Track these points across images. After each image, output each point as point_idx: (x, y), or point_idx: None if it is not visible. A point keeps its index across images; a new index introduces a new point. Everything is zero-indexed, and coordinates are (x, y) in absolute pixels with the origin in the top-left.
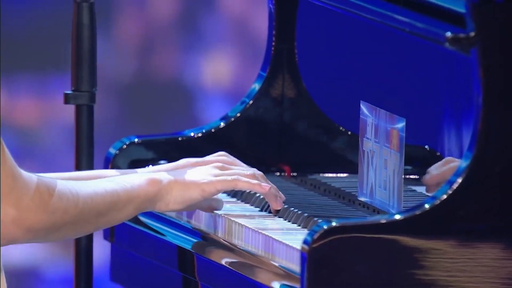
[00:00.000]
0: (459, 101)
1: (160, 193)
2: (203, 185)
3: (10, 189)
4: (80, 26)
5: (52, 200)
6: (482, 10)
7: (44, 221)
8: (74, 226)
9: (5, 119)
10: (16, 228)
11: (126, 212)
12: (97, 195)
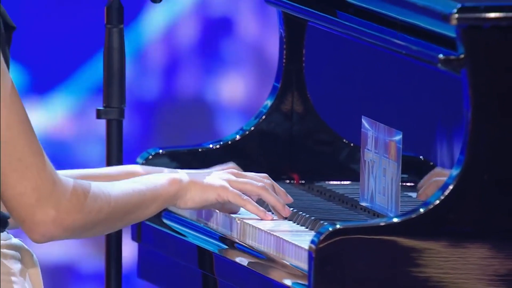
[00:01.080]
0: (450, 116)
1: (180, 192)
2: (219, 189)
3: (50, 193)
4: (111, 50)
5: (87, 201)
6: (471, 35)
7: (80, 220)
8: (107, 223)
9: (45, 133)
10: (55, 227)
11: (151, 209)
12: (126, 195)
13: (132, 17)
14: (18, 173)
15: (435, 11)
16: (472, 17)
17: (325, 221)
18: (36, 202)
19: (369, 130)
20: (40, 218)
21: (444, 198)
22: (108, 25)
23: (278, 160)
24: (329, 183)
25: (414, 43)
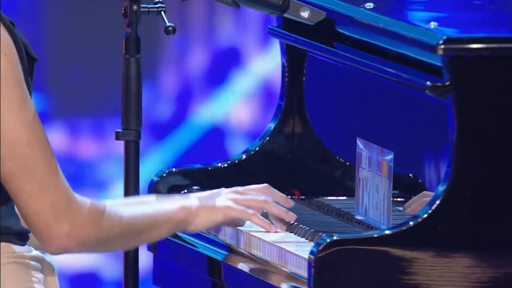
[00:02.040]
0: (437, 138)
1: (190, 217)
2: (226, 209)
3: (66, 209)
4: (129, 77)
5: (100, 219)
6: (455, 64)
7: (93, 236)
8: (118, 241)
9: (69, 153)
10: (69, 241)
11: (161, 232)
12: (137, 217)
13: (148, 48)
14: (37, 191)
15: (423, 42)
16: (456, 47)
17: (323, 233)
18: (53, 217)
19: (363, 150)
20: (56, 232)
21: (431, 212)
22: (126, 55)
23: (280, 177)
24: (327, 199)
25: (404, 71)
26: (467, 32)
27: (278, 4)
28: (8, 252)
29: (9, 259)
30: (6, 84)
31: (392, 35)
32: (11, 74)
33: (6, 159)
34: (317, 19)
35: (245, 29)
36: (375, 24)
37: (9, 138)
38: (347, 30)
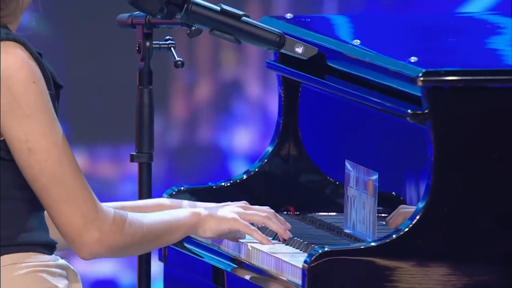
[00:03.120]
0: (417, 160)
1: (200, 223)
2: (231, 221)
3: (94, 218)
4: (142, 106)
5: (125, 226)
6: (433, 94)
7: (119, 241)
8: (140, 245)
9: (88, 174)
10: (99, 247)
11: (176, 236)
12: (155, 223)
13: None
14: (68, 203)
15: (404, 75)
16: (434, 79)
17: (316, 245)
18: (83, 226)
19: (351, 171)
20: (86, 239)
21: (412, 226)
22: (140, 86)
23: (277, 195)
24: (318, 214)
25: (387, 100)
26: (444, 65)
27: (275, 41)
28: (36, 261)
29: (36, 268)
30: (36, 108)
31: (377, 68)
32: (40, 99)
33: (39, 175)
34: (310, 54)
35: (246, 63)
36: (361, 58)
37: (41, 156)
38: (336, 64)
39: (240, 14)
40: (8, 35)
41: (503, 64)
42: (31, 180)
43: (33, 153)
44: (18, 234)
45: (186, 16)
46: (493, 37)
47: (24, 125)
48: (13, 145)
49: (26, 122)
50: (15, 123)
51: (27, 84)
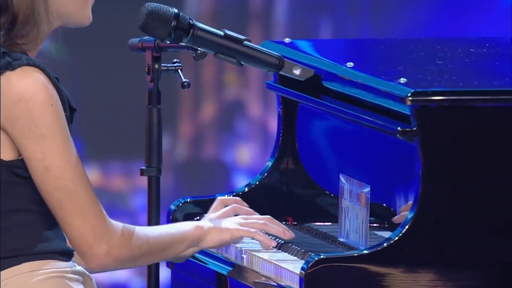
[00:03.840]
0: (406, 174)
1: (203, 235)
2: (233, 231)
3: (104, 232)
4: (151, 124)
5: (132, 240)
6: (421, 113)
7: (126, 254)
8: (146, 257)
9: (101, 187)
10: (108, 259)
11: (180, 248)
12: (161, 236)
13: (168, 99)
14: (80, 217)
15: (394, 95)
16: (422, 99)
17: (312, 252)
18: (94, 239)
19: (345, 184)
20: (96, 252)
21: (401, 235)
22: (149, 105)
23: (276, 206)
24: (315, 224)
25: (378, 118)
26: (431, 86)
27: (274, 64)
28: (53, 268)
29: (54, 274)
30: (52, 129)
31: (369, 89)
32: (57, 121)
33: (54, 191)
34: (306, 75)
35: (247, 84)
36: (354, 80)
37: (56, 173)
38: (331, 85)
39: (242, 39)
40: (29, 60)
41: (485, 85)
42: (46, 195)
43: (48, 171)
44: (36, 244)
45: (192, 40)
46: (477, 60)
47: (41, 144)
48: (30, 163)
49: (43, 142)
50: (33, 142)
51: (45, 106)
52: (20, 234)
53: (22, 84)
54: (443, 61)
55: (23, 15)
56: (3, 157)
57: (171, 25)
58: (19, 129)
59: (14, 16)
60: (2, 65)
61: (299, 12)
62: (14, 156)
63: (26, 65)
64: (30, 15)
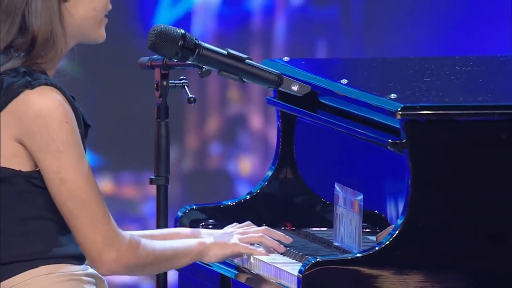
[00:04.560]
0: (397, 183)
1: (205, 250)
2: (233, 246)
3: (113, 240)
4: (160, 136)
5: (139, 249)
6: (410, 126)
7: (133, 262)
8: (151, 267)
9: (114, 195)
10: (116, 265)
11: (183, 261)
12: (166, 249)
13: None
14: (91, 225)
15: (385, 109)
16: (411, 113)
17: (309, 255)
18: (103, 246)
19: (340, 192)
20: (105, 258)
21: (392, 240)
22: (158, 119)
23: (276, 213)
24: (311, 229)
25: (370, 131)
26: (420, 101)
27: (274, 80)
28: (68, 271)
29: (66, 276)
30: (68, 144)
31: (362, 104)
32: (72, 137)
33: (68, 201)
34: (304, 91)
35: (249, 100)
36: (348, 95)
37: (70, 185)
38: (327, 100)
39: (244, 57)
40: (47, 80)
41: (470, 100)
42: (60, 205)
43: (63, 183)
44: (51, 248)
45: (197, 59)
46: (462, 77)
47: (57, 158)
48: (47, 175)
49: (58, 156)
50: (50, 156)
51: (61, 123)
52: (37, 239)
53: (40, 102)
54: (430, 78)
55: (42, 37)
56: (22, 168)
57: (178, 45)
58: (37, 143)
59: (34, 38)
60: (22, 84)
61: (296, 33)
62: (31, 167)
63: (44, 85)
64: (48, 37)
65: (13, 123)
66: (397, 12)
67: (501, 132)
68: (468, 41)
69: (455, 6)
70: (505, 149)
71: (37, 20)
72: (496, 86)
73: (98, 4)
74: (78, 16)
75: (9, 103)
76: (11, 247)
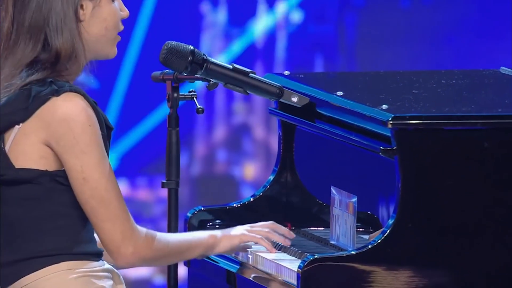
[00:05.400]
0: (388, 186)
1: (215, 243)
2: (241, 236)
3: (131, 235)
4: (171, 143)
5: (154, 243)
6: (400, 134)
7: (149, 255)
8: (166, 258)
9: (130, 197)
10: (133, 258)
11: (195, 253)
12: (178, 241)
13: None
14: (111, 221)
15: (377, 119)
16: (400, 123)
17: (307, 253)
18: (121, 241)
19: (336, 195)
20: (123, 252)
21: (383, 238)
22: (169, 128)
23: (277, 213)
24: (310, 229)
25: (364, 139)
26: (409, 112)
27: (275, 93)
28: (87, 267)
29: (86, 272)
30: (91, 146)
31: (356, 114)
32: (94, 139)
33: (90, 199)
34: (303, 102)
35: (253, 110)
36: (343, 106)
37: (92, 184)
38: (324, 111)
39: (248, 71)
40: (71, 87)
41: (454, 111)
42: (83, 202)
43: (86, 182)
44: (73, 246)
45: (205, 73)
46: (447, 89)
47: (81, 158)
48: (71, 174)
49: (82, 157)
50: (74, 157)
51: (84, 126)
52: (61, 236)
53: (65, 107)
54: (418, 91)
55: (65, 52)
56: (48, 168)
57: (188, 60)
58: (62, 145)
59: (58, 54)
60: (49, 91)
61: (296, 49)
62: (57, 167)
63: (69, 91)
64: (71, 53)
65: (41, 127)
66: (387, 31)
67: (483, 140)
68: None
69: (440, 23)
70: (487, 156)
71: (59, 38)
72: (479, 98)
73: (110, 24)
74: (93, 34)
75: (37, 109)
76: (36, 243)
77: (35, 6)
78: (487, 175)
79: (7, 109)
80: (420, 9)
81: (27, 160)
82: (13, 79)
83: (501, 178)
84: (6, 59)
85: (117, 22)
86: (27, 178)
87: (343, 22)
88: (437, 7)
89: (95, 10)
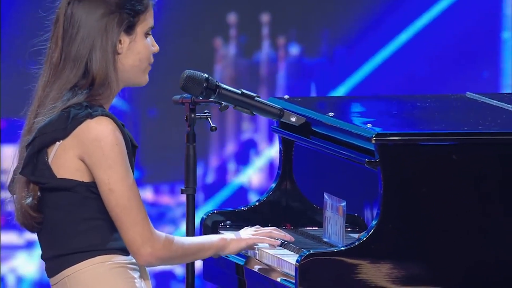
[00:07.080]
0: (371, 193)
1: (225, 245)
2: (247, 239)
3: (149, 238)
4: (189, 157)
5: (171, 245)
6: (382, 149)
7: (166, 255)
8: (181, 259)
9: (154, 202)
10: (151, 258)
11: (207, 254)
12: (193, 244)
13: (201, 139)
14: (132, 227)
15: (363, 135)
16: (382, 139)
17: (304, 249)
18: (141, 243)
19: (328, 199)
20: (143, 252)
21: (368, 236)
22: (187, 143)
23: (278, 215)
24: (306, 228)
25: (352, 153)
26: (390, 129)
27: (277, 113)
28: (118, 260)
29: (117, 264)
30: (117, 162)
31: (345, 131)
32: (120, 156)
33: (115, 207)
34: (300, 122)
35: (258, 129)
36: (334, 125)
37: (117, 194)
38: (318, 129)
39: (254, 95)
40: (103, 112)
41: (428, 129)
42: (109, 209)
43: (112, 192)
44: (106, 242)
45: (218, 97)
46: (423, 111)
47: (108, 172)
48: (100, 185)
49: (109, 171)
50: (102, 171)
51: (112, 145)
52: (94, 235)
53: (97, 129)
54: (397, 112)
55: (99, 79)
56: (84, 180)
57: (203, 86)
58: (93, 160)
59: (93, 80)
60: (84, 114)
61: (294, 77)
62: (90, 179)
63: (101, 115)
64: (104, 79)
65: (77, 145)
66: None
67: (452, 153)
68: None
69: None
70: (455, 166)
71: (96, 67)
72: (448, 118)
73: (143, 56)
74: (128, 65)
75: (74, 129)
76: (75, 241)
77: (80, 40)
78: (456, 183)
79: (50, 127)
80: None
81: (66, 172)
82: (57, 102)
83: (468, 185)
84: (54, 83)
85: (149, 55)
86: (66, 187)
87: (332, 55)
88: (412, 41)
89: (131, 45)
